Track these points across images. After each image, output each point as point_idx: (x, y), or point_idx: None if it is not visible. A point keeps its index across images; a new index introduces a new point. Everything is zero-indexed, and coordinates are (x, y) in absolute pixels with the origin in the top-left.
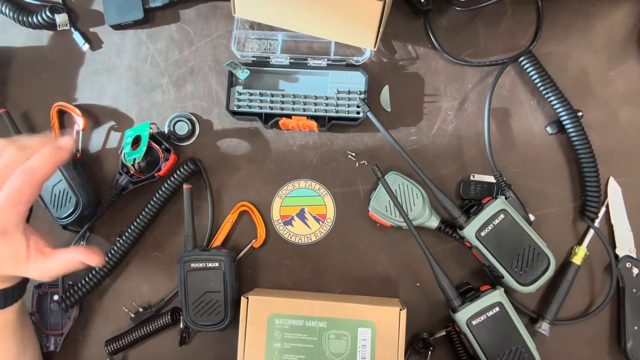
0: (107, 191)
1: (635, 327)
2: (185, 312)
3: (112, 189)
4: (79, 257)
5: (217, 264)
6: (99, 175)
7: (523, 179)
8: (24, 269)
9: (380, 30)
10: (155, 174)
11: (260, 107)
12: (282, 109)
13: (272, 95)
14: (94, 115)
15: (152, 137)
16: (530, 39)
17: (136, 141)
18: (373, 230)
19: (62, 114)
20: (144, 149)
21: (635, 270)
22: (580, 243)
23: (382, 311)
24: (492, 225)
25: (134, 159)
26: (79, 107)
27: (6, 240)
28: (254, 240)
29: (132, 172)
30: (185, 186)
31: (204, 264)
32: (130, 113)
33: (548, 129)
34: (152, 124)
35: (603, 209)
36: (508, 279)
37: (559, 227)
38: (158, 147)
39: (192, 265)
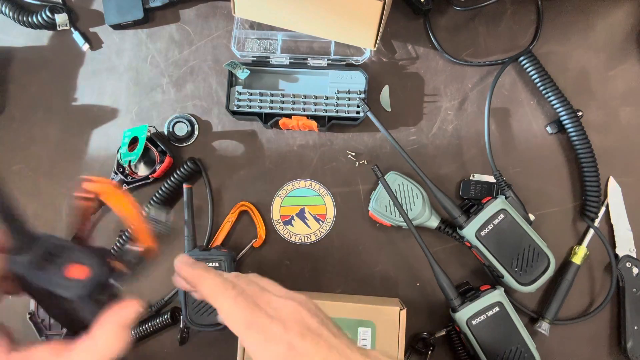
0: None
1: (636, 327)
2: (185, 312)
3: None
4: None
5: (217, 264)
6: (97, 175)
7: (523, 178)
8: None
9: (380, 30)
10: (150, 176)
11: (260, 107)
12: (282, 108)
13: (272, 95)
14: (94, 115)
15: (150, 139)
16: (530, 39)
17: (134, 141)
18: (373, 230)
19: None
20: (140, 152)
21: (635, 270)
22: (580, 243)
23: (382, 311)
24: (492, 225)
25: (130, 161)
26: (79, 107)
27: None
28: (254, 240)
29: (127, 172)
30: (185, 186)
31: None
32: (130, 113)
33: (548, 128)
34: (151, 126)
35: (603, 209)
36: (508, 278)
37: (559, 226)
38: (154, 148)
39: None
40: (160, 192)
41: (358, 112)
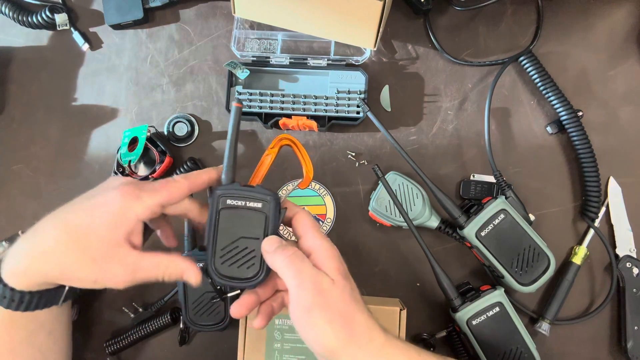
0: None
1: (636, 327)
2: (185, 312)
3: None
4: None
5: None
6: (98, 174)
7: (523, 178)
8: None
9: (380, 30)
10: (150, 176)
11: (260, 107)
12: (282, 108)
13: (272, 95)
14: (94, 115)
15: (150, 139)
16: (530, 39)
17: (133, 142)
18: (373, 230)
19: None
20: (140, 152)
21: (635, 270)
22: (580, 243)
23: (382, 311)
24: (492, 225)
25: (129, 161)
26: (79, 107)
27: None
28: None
29: (127, 172)
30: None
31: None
32: (130, 113)
33: (548, 128)
34: (150, 126)
35: (603, 209)
36: (508, 278)
37: (559, 227)
38: (154, 148)
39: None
40: None
41: (358, 112)
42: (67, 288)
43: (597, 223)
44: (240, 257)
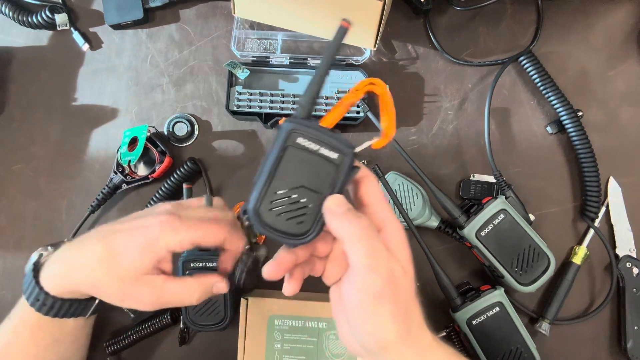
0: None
1: (636, 327)
2: (185, 312)
3: (105, 187)
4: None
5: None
6: (98, 174)
7: (523, 178)
8: (130, 286)
9: (380, 30)
10: (150, 176)
11: (260, 107)
12: (282, 108)
13: (272, 95)
14: (94, 115)
15: (150, 139)
16: (530, 39)
17: (133, 141)
18: None
19: None
20: (140, 152)
21: (635, 270)
22: (580, 243)
23: None
24: (492, 225)
25: (129, 160)
26: (79, 107)
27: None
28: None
29: (126, 172)
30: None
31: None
32: (130, 113)
33: (548, 128)
34: (150, 126)
35: (603, 209)
36: (508, 278)
37: (559, 227)
38: (154, 148)
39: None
40: (160, 192)
41: (358, 112)
42: (96, 301)
43: (597, 223)
44: (294, 209)
